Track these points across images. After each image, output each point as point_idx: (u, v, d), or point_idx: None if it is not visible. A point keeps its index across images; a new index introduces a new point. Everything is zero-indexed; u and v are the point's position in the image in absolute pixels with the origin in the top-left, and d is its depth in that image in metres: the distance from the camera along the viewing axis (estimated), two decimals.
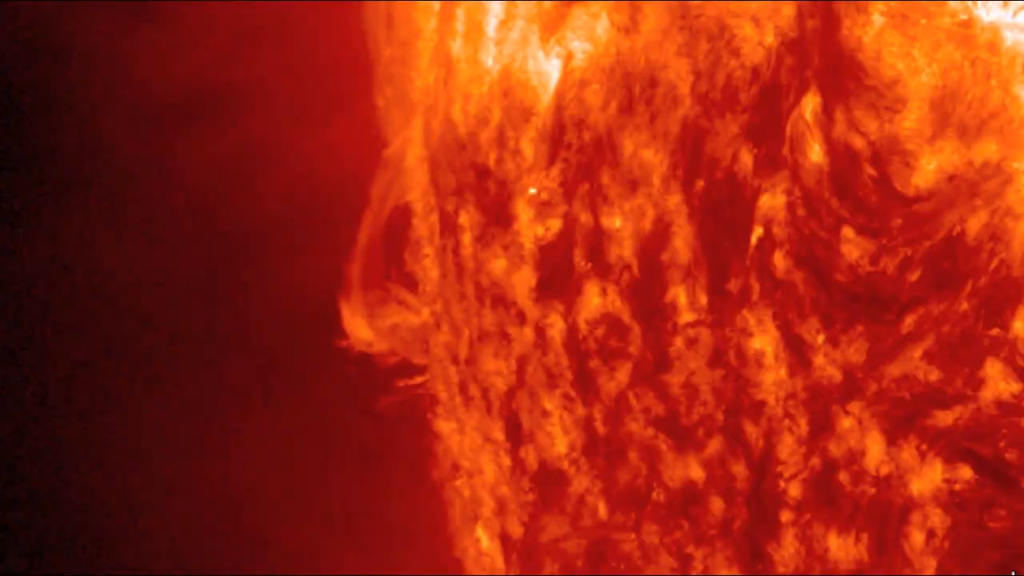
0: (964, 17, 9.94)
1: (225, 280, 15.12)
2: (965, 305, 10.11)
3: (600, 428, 12.49)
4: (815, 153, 10.54)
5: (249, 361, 15.10)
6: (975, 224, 9.99)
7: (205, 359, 15.06)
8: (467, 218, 13.52)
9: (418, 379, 14.91)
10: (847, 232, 10.48)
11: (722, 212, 11.17)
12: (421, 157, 14.42)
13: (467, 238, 13.58)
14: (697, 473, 11.72)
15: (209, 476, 14.92)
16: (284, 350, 15.04)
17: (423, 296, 14.66)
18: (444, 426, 14.63)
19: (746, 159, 10.95)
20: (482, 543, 14.21)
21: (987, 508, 10.24)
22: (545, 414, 12.97)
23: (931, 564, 10.40)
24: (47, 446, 15.03)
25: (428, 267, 14.47)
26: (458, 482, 14.39)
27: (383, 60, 15.08)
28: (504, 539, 13.84)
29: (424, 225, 14.46)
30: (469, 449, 14.12)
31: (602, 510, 12.67)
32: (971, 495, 10.29)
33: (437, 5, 13.84)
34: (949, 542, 10.33)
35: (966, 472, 10.29)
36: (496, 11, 12.89)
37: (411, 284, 14.79)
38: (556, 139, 12.37)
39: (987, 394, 10.13)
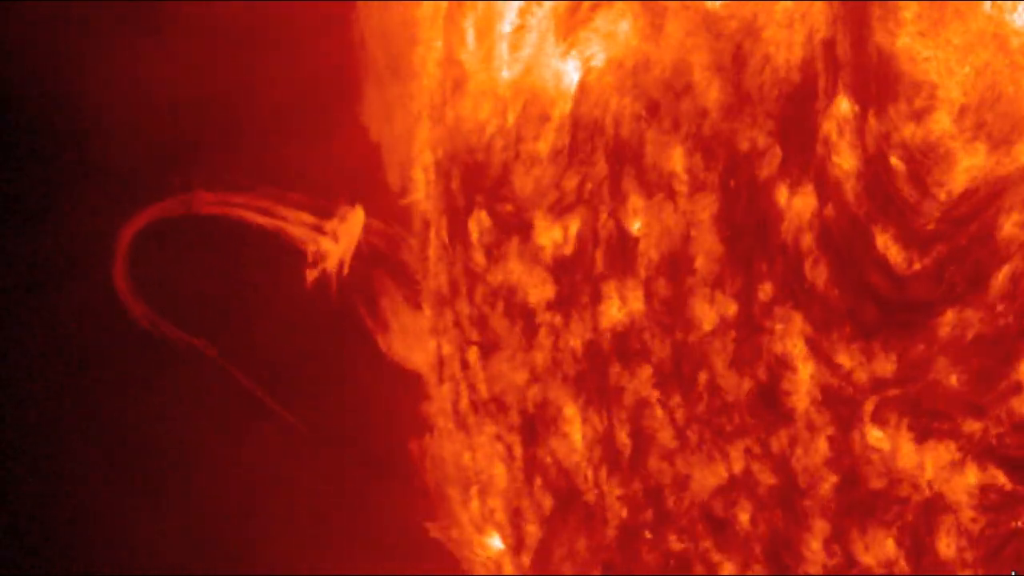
0: (996, 21, 9.94)
1: (230, 288, 15.02)
2: (998, 308, 10.10)
3: (621, 434, 12.39)
4: (847, 156, 10.50)
5: (258, 367, 15.01)
6: (1009, 226, 9.98)
7: (213, 361, 14.97)
8: (477, 223, 13.40)
9: (424, 384, 14.81)
10: (879, 235, 10.45)
11: (750, 216, 11.11)
12: (427, 162, 14.30)
13: (478, 243, 13.46)
14: (723, 478, 11.65)
15: (214, 476, 14.85)
16: (290, 357, 14.94)
17: (429, 301, 14.54)
18: (450, 431, 14.51)
19: (775, 162, 10.90)
20: (492, 548, 14.10)
21: (1021, 512, 10.22)
22: (563, 420, 12.86)
23: (964, 567, 10.37)
24: (50, 448, 14.92)
25: (435, 272, 14.34)
26: (469, 487, 14.26)
27: (384, 63, 14.97)
28: (517, 544, 13.72)
29: (431, 230, 14.34)
30: (481, 455, 13.99)
31: (623, 516, 12.57)
32: (1005, 499, 10.26)
33: (443, 7, 13.72)
34: (983, 546, 10.30)
35: (999, 476, 10.27)
36: (510, 15, 12.78)
37: (417, 290, 14.69)
38: (575, 143, 12.27)
39: (1020, 397, 10.11)
